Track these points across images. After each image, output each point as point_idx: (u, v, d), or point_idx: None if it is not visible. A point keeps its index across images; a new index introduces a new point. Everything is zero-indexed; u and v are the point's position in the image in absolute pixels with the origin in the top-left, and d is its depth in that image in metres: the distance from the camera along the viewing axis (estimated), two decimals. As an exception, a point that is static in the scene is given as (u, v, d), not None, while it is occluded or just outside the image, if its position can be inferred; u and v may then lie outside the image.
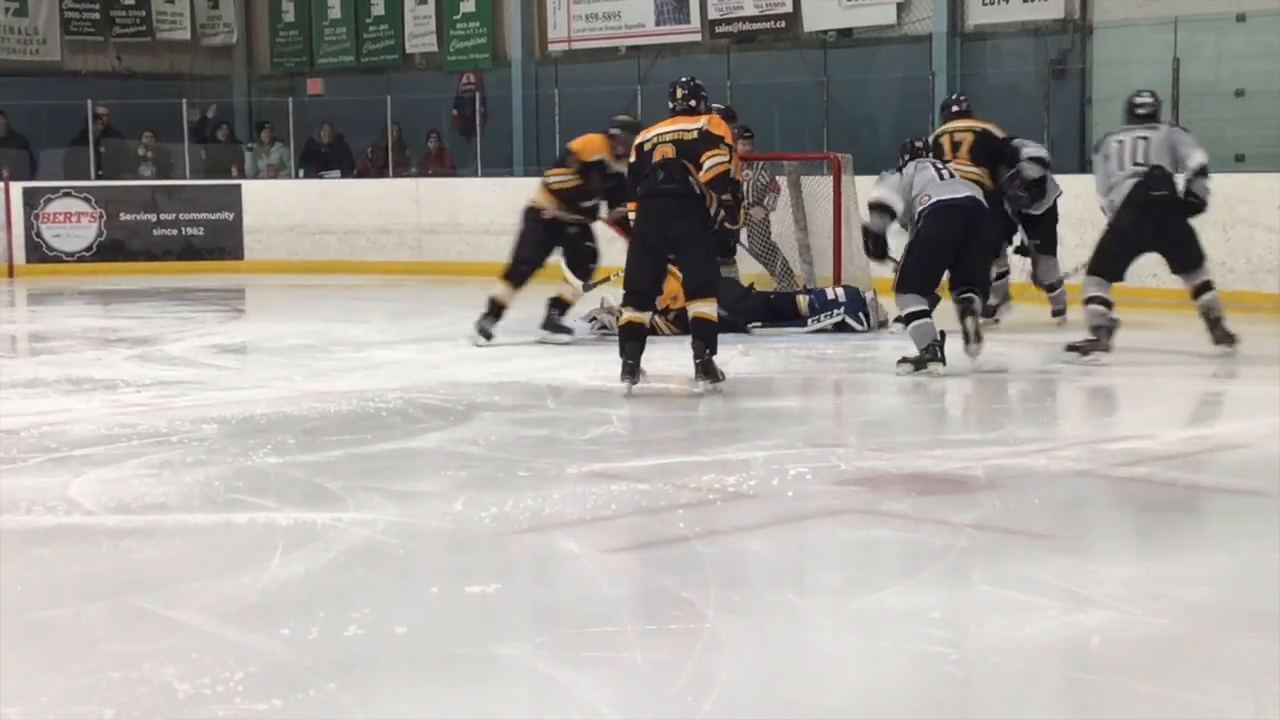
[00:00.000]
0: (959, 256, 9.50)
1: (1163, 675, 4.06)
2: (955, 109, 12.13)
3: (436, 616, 4.62)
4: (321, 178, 19.95)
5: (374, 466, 6.82)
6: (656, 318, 11.47)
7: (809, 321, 11.59)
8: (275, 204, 19.19)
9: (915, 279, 9.45)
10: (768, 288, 12.44)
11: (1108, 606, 4.62)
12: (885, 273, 12.20)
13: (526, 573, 5.22)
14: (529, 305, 11.61)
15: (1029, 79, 15.77)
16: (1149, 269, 13.04)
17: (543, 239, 11.30)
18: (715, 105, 12.77)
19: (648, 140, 8.95)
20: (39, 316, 14.95)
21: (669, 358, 10.24)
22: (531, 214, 11.34)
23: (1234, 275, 12.59)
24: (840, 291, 11.82)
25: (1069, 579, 4.94)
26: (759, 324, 11.59)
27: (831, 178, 12.35)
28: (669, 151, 8.77)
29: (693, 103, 9.10)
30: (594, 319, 11.67)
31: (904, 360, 9.31)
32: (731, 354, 10.42)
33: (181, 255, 18.94)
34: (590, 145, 11.29)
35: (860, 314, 11.66)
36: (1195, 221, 10.11)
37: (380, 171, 19.81)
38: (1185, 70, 13.93)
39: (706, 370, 8.66)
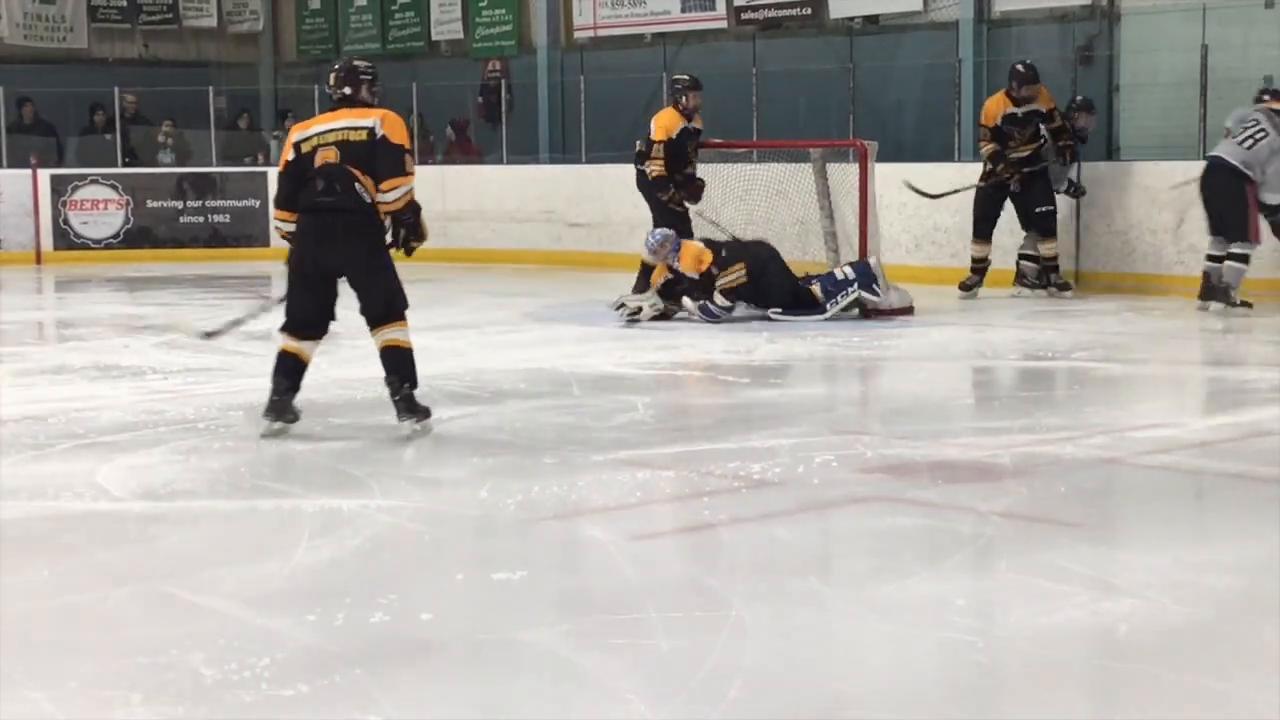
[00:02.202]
0: None
1: (1189, 663, 4.05)
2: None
3: (462, 603, 4.63)
4: (347, 165, 19.95)
5: (400, 453, 6.83)
6: (685, 299, 11.48)
7: (827, 307, 11.57)
8: (301, 191, 19.20)
9: None
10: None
11: (1134, 594, 4.61)
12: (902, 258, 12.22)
13: (552, 559, 5.23)
14: (561, 293, 11.62)
15: (1056, 66, 15.67)
16: (1177, 258, 13.03)
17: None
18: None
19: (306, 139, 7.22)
20: (66, 303, 15.00)
21: (695, 343, 10.25)
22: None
23: (1261, 262, 12.52)
24: (848, 269, 11.78)
25: (1096, 567, 4.93)
26: (780, 310, 11.56)
27: (857, 165, 12.31)
28: (331, 156, 7.06)
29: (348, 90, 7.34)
30: (621, 305, 11.65)
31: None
32: (758, 341, 10.42)
33: (208, 242, 18.98)
34: (660, 124, 12.31)
35: (874, 286, 11.62)
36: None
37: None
38: (1213, 58, 13.85)
39: (410, 407, 7.07)
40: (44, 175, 18.64)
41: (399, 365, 7.10)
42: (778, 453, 6.61)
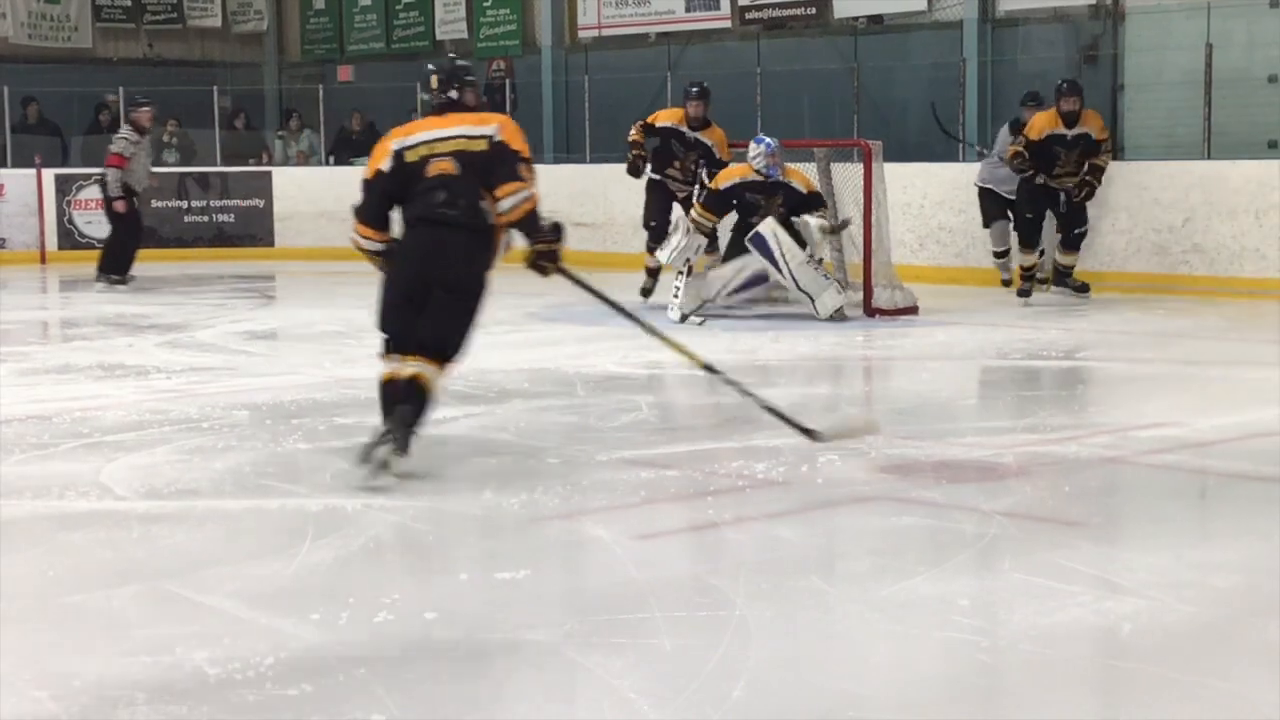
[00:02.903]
0: None
1: (1193, 662, 4.05)
2: None
3: (466, 602, 4.63)
4: (352, 164, 19.96)
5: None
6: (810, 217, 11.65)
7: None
8: (306, 191, 19.21)
9: None
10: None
11: (1138, 594, 4.61)
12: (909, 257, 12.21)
13: (556, 559, 5.23)
14: (564, 293, 11.62)
15: (1060, 65, 15.67)
16: (1182, 258, 13.03)
17: None
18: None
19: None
20: (71, 303, 15.01)
21: (698, 343, 10.23)
22: None
23: (1267, 262, 12.53)
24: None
25: (1100, 566, 4.93)
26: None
27: (862, 165, 12.31)
28: (448, 167, 6.39)
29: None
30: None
31: None
32: (762, 341, 10.42)
33: (212, 242, 18.98)
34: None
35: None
36: (1227, 210, 10.24)
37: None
38: (1218, 56, 13.85)
39: (404, 442, 6.12)
40: (48, 175, 18.65)
41: (420, 401, 6.21)
42: (782, 452, 6.61)
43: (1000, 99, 15.92)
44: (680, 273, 11.86)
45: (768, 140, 11.86)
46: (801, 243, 11.58)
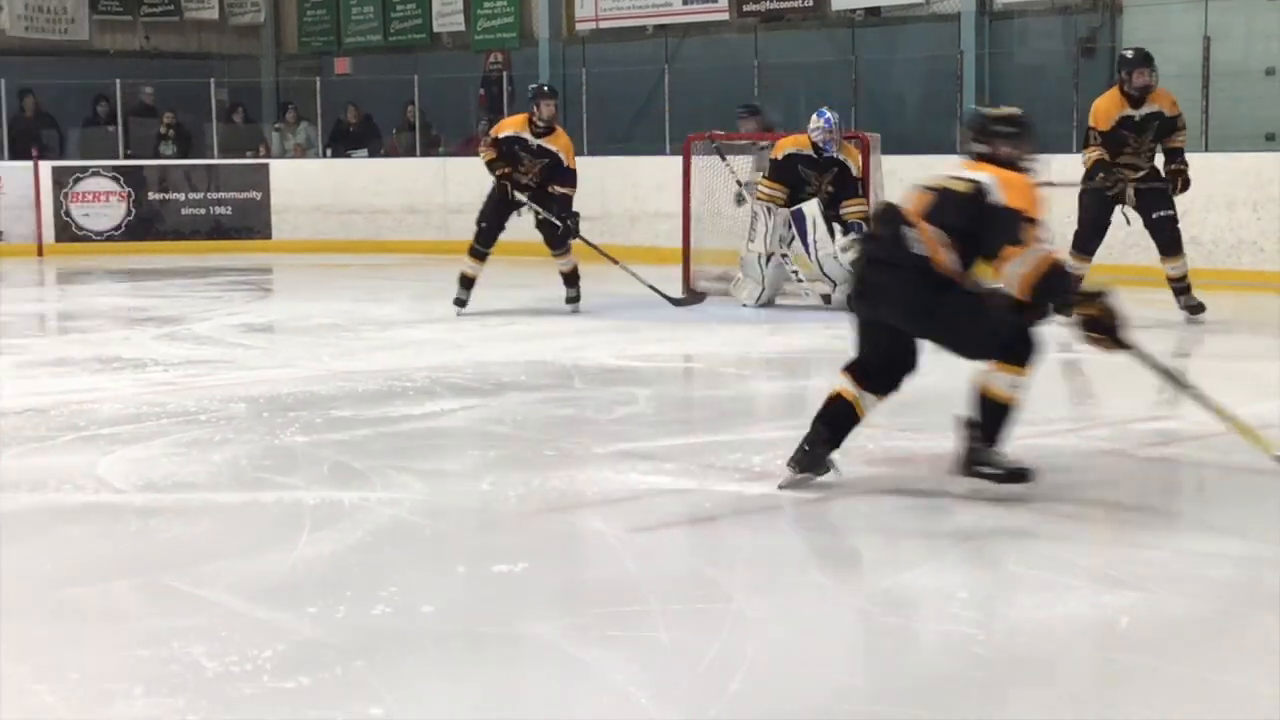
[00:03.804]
0: None
1: (1191, 656, 4.05)
2: None
3: (463, 596, 4.63)
4: (349, 157, 19.96)
5: (401, 446, 6.82)
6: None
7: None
8: (303, 183, 19.20)
9: None
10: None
11: (1136, 587, 4.61)
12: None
13: (553, 552, 5.22)
14: (561, 286, 11.62)
15: (1058, 58, 15.68)
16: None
17: None
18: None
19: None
20: (68, 296, 15.00)
21: (696, 336, 10.24)
22: None
23: (1264, 255, 12.52)
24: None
25: (1098, 559, 4.93)
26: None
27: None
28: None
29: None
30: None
31: None
32: (759, 333, 10.41)
33: (209, 235, 18.96)
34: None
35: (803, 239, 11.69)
36: (1224, 202, 10.15)
37: (408, 151, 19.80)
38: (1216, 49, 13.85)
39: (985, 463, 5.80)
40: (45, 167, 18.63)
41: (993, 417, 5.89)
42: (779, 445, 6.60)
43: (998, 92, 15.89)
44: (773, 255, 11.72)
45: (828, 115, 11.48)
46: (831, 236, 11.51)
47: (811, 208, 11.52)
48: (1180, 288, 10.76)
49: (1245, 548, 5.12)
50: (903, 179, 13.60)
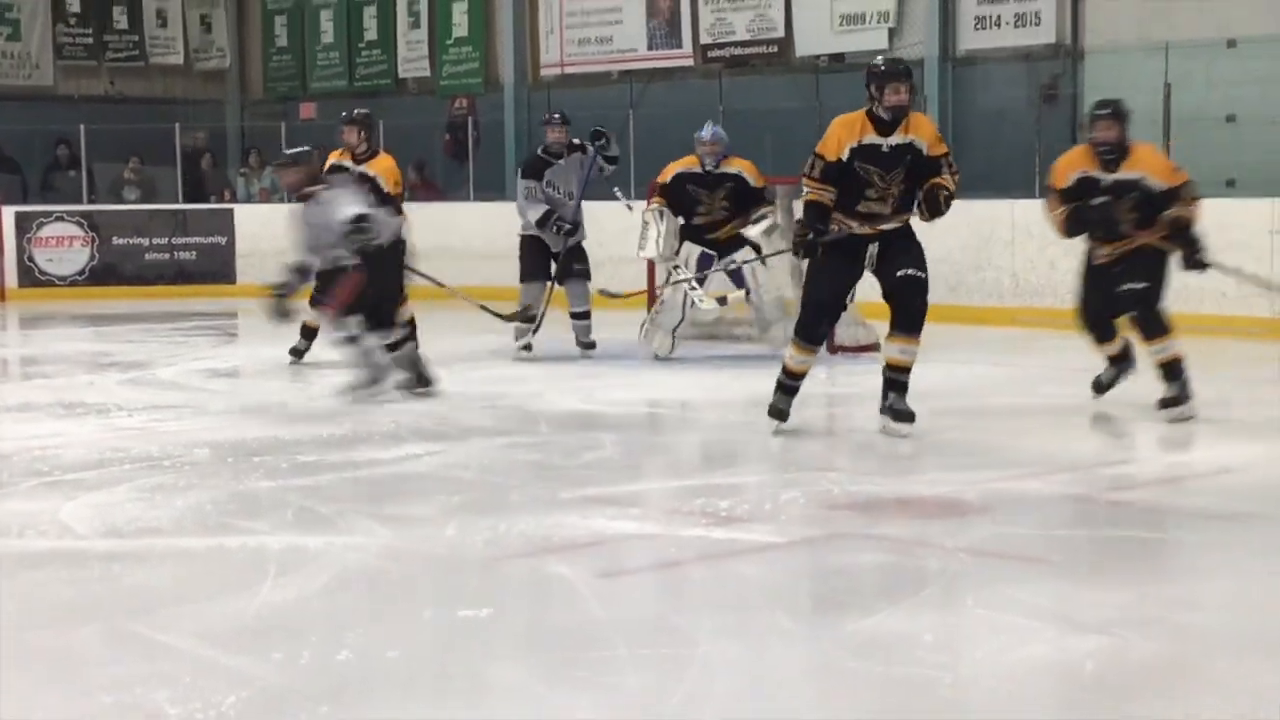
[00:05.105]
0: None
1: (1155, 700, 4.06)
2: None
3: (429, 640, 4.61)
4: (314, 202, 19.95)
5: (366, 491, 6.81)
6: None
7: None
8: (268, 228, 19.10)
9: None
10: None
11: (1101, 631, 4.62)
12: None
13: (519, 597, 5.21)
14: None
15: (1020, 104, 15.79)
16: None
17: None
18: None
19: None
20: (31, 340, 14.93)
21: (662, 380, 10.23)
22: None
23: (1226, 299, 12.58)
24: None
25: (1062, 603, 4.94)
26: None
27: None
28: None
29: None
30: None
31: None
32: (724, 378, 10.43)
33: (174, 279, 18.90)
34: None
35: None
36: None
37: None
38: (1177, 96, 13.95)
39: None
40: (8, 212, 18.56)
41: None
42: (744, 489, 6.62)
43: (961, 137, 15.98)
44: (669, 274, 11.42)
45: (711, 128, 11.37)
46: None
47: (748, 267, 11.31)
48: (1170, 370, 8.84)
49: (1209, 591, 5.14)
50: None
